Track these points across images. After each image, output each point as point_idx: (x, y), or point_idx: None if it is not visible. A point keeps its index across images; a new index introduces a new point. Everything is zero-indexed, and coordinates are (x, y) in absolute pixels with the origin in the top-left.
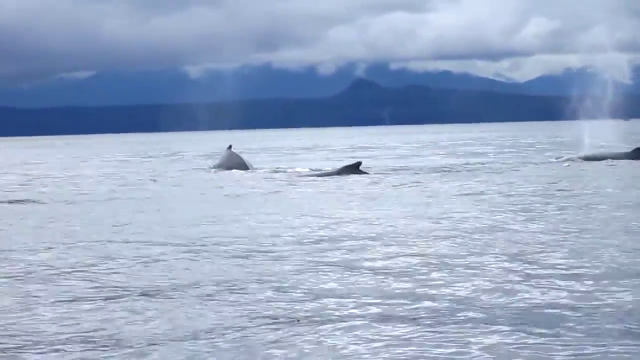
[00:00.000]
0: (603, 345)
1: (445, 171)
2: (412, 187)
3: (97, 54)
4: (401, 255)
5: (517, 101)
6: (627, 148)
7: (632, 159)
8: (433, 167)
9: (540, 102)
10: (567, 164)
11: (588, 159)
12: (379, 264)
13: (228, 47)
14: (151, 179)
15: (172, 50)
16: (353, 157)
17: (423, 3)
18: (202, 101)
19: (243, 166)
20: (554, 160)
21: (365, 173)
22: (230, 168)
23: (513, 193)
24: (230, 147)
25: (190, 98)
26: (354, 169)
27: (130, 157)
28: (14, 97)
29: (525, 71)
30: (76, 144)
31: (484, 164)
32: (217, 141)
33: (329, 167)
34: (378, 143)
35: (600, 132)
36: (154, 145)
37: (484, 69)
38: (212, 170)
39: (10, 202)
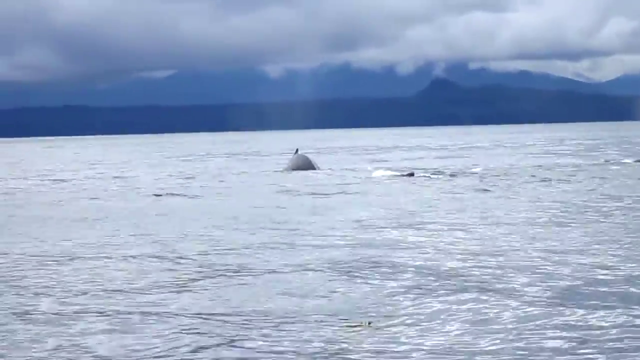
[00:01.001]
0: None
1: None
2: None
3: (176, 53)
4: None
5: (597, 101)
6: None
7: None
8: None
9: (621, 103)
10: None
11: None
12: None
13: (306, 46)
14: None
15: (251, 50)
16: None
17: (503, 3)
18: (282, 100)
19: (310, 166)
20: None
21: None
22: (299, 169)
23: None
24: (297, 150)
25: (270, 97)
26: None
27: (231, 155)
28: (92, 97)
29: (605, 71)
30: (158, 143)
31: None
32: (299, 140)
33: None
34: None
35: None
36: (242, 144)
37: (563, 69)
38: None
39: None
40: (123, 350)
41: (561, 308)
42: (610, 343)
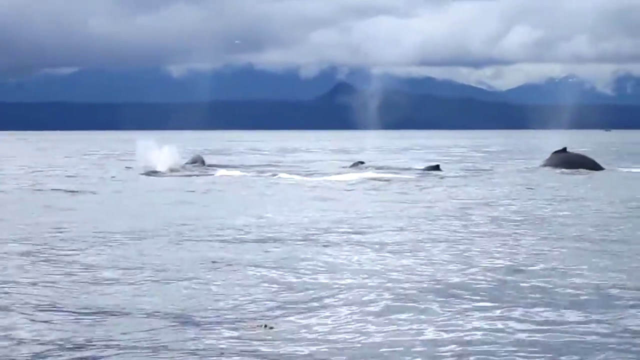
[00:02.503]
0: None
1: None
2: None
3: (82, 50)
4: None
5: (498, 109)
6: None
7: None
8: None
9: (522, 111)
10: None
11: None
12: None
13: (210, 47)
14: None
15: (156, 49)
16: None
17: (407, 8)
18: (184, 100)
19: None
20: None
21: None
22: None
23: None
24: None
25: (172, 97)
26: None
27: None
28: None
29: (507, 79)
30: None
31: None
32: (196, 141)
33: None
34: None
35: (563, 142)
36: (129, 143)
37: (466, 76)
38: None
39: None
40: None
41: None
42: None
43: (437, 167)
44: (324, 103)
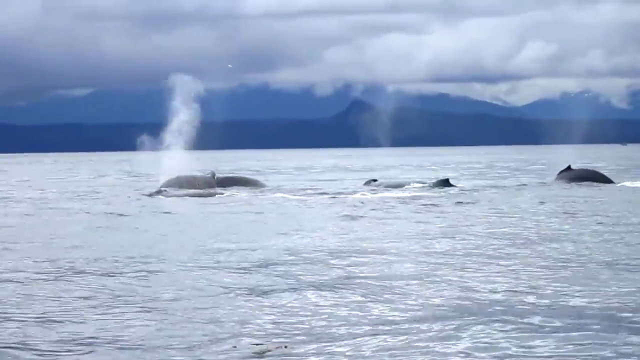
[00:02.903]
0: None
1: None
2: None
3: (95, 71)
4: None
5: (514, 125)
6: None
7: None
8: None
9: (537, 126)
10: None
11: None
12: None
13: (225, 66)
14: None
15: (170, 69)
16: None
17: (420, 25)
18: (200, 120)
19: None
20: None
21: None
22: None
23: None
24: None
25: (189, 118)
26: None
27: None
28: (10, 114)
29: (522, 95)
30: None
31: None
32: (211, 161)
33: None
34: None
35: (579, 157)
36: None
37: (481, 92)
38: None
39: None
40: None
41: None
42: None
43: (446, 182)
44: (339, 121)
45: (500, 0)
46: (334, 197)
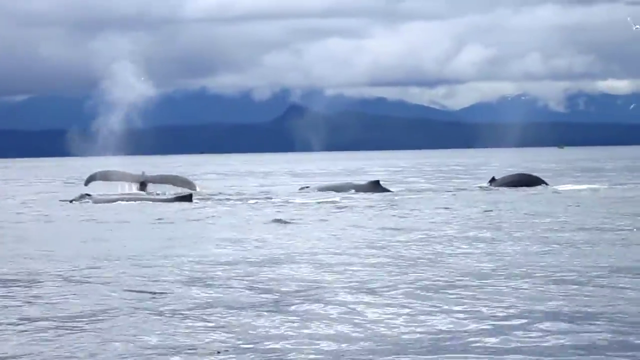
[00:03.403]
0: None
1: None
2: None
3: (33, 77)
4: None
5: (451, 128)
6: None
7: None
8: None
9: (475, 130)
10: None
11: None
12: None
13: (161, 71)
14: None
15: (106, 74)
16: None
17: (359, 29)
18: (135, 126)
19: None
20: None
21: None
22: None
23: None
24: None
25: (126, 123)
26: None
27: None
28: None
29: (460, 98)
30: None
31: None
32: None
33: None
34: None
35: (515, 161)
36: (76, 169)
37: (419, 96)
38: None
39: None
40: None
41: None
42: None
43: (377, 183)
44: (277, 125)
45: (440, 4)
46: (264, 202)
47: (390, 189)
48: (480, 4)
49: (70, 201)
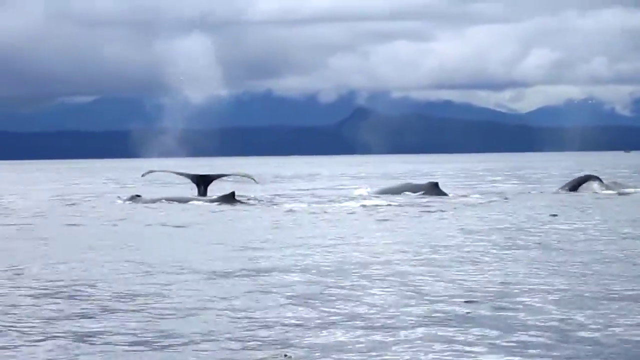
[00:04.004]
0: None
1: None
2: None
3: (99, 78)
4: None
5: (518, 132)
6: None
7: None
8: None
9: (541, 133)
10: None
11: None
12: None
13: (229, 73)
14: None
15: (173, 76)
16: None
17: (425, 32)
18: (203, 127)
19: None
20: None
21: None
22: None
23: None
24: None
25: (192, 124)
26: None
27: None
28: (13, 121)
29: (526, 102)
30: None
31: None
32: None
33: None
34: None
35: (584, 165)
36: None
37: (485, 99)
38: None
39: None
40: None
41: None
42: None
43: (436, 185)
44: (343, 128)
45: (506, 7)
46: (332, 204)
47: (447, 193)
48: (546, 7)
49: (124, 201)
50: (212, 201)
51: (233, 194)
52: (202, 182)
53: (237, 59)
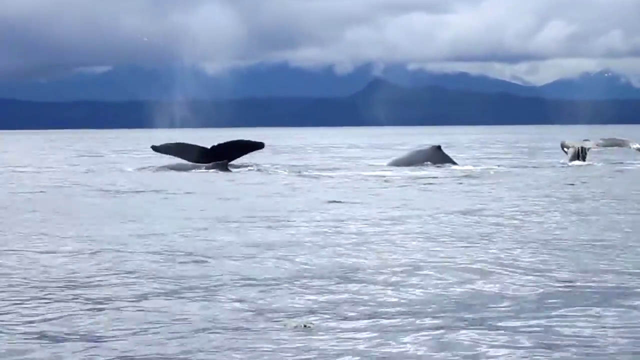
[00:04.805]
0: None
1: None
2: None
3: (114, 48)
4: None
5: (533, 104)
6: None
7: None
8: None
9: (557, 106)
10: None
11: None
12: None
13: (245, 44)
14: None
15: (189, 47)
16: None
17: (441, 4)
18: (218, 98)
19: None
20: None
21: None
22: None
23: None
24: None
25: (207, 95)
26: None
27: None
28: (30, 91)
29: (542, 74)
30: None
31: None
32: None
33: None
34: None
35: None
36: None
37: (501, 72)
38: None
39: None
40: None
41: None
42: None
43: (438, 148)
44: (359, 99)
45: None
46: (351, 175)
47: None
48: None
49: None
50: (208, 168)
51: (226, 162)
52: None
53: (254, 30)
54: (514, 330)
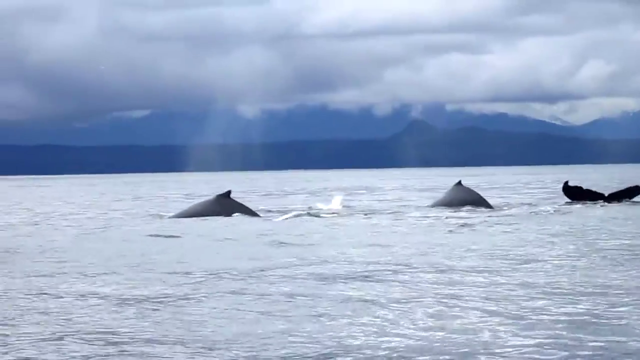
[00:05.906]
0: None
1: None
2: None
3: (152, 93)
4: None
5: (573, 144)
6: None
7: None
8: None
9: (597, 146)
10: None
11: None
12: None
13: (283, 87)
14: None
15: (227, 90)
16: None
17: (478, 45)
18: (257, 141)
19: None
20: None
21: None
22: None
23: None
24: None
25: (246, 138)
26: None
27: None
28: (68, 135)
29: (581, 114)
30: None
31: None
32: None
33: None
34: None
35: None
36: (198, 185)
37: (539, 112)
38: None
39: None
40: None
41: None
42: None
43: (459, 184)
44: (398, 141)
45: (560, 19)
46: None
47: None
48: (601, 20)
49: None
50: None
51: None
52: None
53: (291, 73)
54: None
